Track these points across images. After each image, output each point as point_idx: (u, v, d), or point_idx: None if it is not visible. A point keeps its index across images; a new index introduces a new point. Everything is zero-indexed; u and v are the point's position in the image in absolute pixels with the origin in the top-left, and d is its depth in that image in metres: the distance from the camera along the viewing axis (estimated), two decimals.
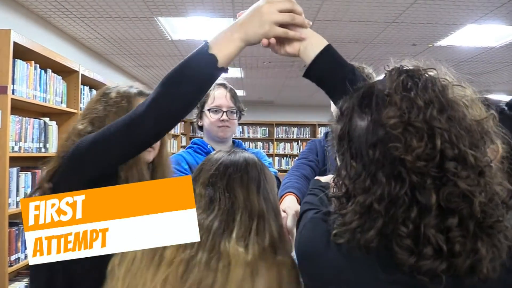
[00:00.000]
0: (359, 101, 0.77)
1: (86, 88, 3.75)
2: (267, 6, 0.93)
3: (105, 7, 3.28)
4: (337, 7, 3.25)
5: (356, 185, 0.73)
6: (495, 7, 3.19)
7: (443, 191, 0.67)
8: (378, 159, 0.70)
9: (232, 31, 0.94)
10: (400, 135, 0.68)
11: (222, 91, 1.80)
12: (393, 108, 0.70)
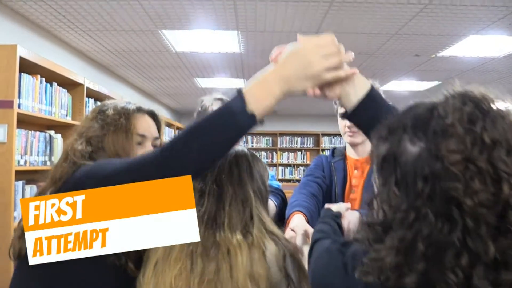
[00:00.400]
0: (413, 123, 0.68)
1: (91, 101, 3.78)
2: (314, 55, 0.84)
3: (110, 21, 3.31)
4: (340, 20, 3.27)
5: (397, 216, 0.65)
6: (498, 19, 3.20)
7: (501, 242, 0.60)
8: (429, 194, 0.62)
9: (273, 84, 0.84)
10: (461, 174, 0.60)
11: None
12: (455, 141, 0.62)
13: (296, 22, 3.34)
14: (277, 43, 3.51)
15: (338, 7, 3.00)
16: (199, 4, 2.96)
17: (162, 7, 3.02)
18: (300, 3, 2.95)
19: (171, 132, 7.33)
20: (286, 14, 3.16)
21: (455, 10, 3.03)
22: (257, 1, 2.92)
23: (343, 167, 1.66)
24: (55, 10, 3.08)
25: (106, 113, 1.11)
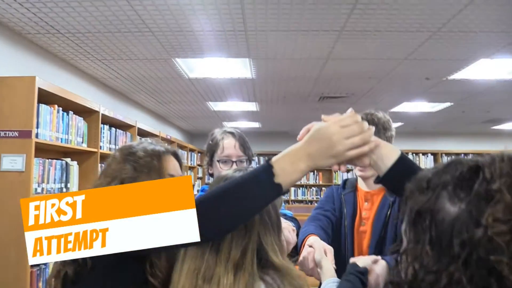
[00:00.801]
0: (455, 181, 0.63)
1: (105, 127, 3.87)
2: (337, 136, 0.90)
3: (125, 50, 3.41)
4: (350, 47, 3.32)
5: (428, 278, 0.61)
6: (507, 43, 3.21)
7: None
8: (465, 260, 0.58)
9: (299, 160, 0.90)
10: (506, 246, 0.56)
11: (231, 141, 1.78)
12: (501, 209, 0.57)
13: (307, 50, 3.39)
14: (288, 68, 3.61)
15: (348, 35, 3.05)
16: (211, 34, 3.04)
17: (175, 37, 3.10)
18: (310, 32, 3.01)
19: (184, 153, 7.39)
20: (296, 42, 3.22)
21: (464, 36, 3.06)
22: (268, 32, 2.99)
23: (353, 200, 1.68)
24: (72, 42, 3.19)
25: (137, 155, 1.16)
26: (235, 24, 2.84)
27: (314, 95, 5.24)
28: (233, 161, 1.75)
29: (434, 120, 7.08)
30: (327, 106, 5.89)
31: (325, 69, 3.98)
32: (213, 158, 1.79)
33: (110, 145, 3.98)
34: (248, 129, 8.64)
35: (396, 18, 2.75)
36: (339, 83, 4.59)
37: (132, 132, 4.58)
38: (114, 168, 1.15)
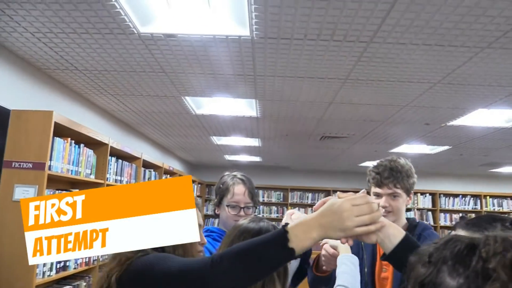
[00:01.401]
0: (454, 257, 0.69)
1: (113, 159, 3.96)
2: (348, 213, 0.98)
3: (137, 87, 3.55)
4: (353, 93, 3.46)
5: None
6: (504, 96, 3.36)
7: None
8: None
9: (312, 229, 0.99)
10: None
11: (242, 188, 1.91)
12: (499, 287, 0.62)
13: (311, 94, 3.54)
14: (292, 110, 3.76)
15: (352, 83, 3.20)
16: (221, 77, 3.18)
17: (187, 78, 3.25)
18: (316, 79, 3.15)
19: None
20: (302, 87, 3.36)
21: (463, 88, 3.21)
22: (275, 77, 3.14)
23: (371, 246, 1.72)
24: (89, 78, 3.33)
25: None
26: (245, 68, 2.98)
27: (315, 135, 5.37)
28: (241, 207, 1.88)
29: (433, 162, 7.20)
30: (328, 144, 6.02)
31: (328, 111, 4.12)
32: (222, 201, 1.90)
33: (116, 177, 4.07)
34: (250, 163, 8.74)
35: (398, 70, 2.90)
36: (341, 125, 4.73)
37: (137, 163, 4.68)
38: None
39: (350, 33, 2.35)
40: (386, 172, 1.74)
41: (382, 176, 1.74)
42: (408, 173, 1.77)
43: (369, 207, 1.01)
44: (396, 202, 1.74)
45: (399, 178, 1.73)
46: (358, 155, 7.00)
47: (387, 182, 1.73)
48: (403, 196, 1.76)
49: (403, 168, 1.76)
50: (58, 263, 3.03)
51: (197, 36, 2.46)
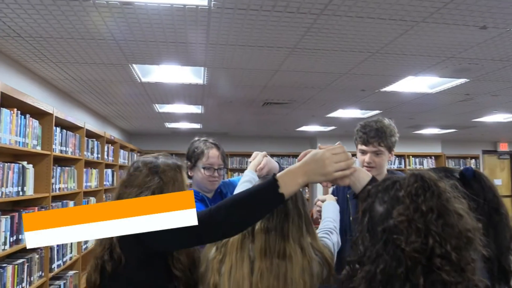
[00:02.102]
0: (382, 190, 0.99)
1: (57, 129, 3.85)
2: (329, 160, 1.16)
3: (83, 55, 3.45)
4: (298, 62, 3.65)
5: (367, 254, 0.94)
6: (432, 64, 3.73)
7: (429, 277, 0.88)
8: (385, 240, 0.92)
9: (298, 176, 1.15)
10: (404, 229, 0.90)
11: (215, 152, 2.11)
12: (403, 207, 0.92)
13: (259, 63, 3.67)
14: (239, 77, 3.95)
15: (298, 52, 3.38)
16: (173, 45, 3.20)
17: (137, 47, 3.22)
18: (265, 48, 3.28)
19: (125, 154, 7.35)
20: (251, 56, 3.48)
21: (397, 57, 3.52)
22: (227, 46, 3.22)
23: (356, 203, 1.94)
24: (31, 45, 3.18)
25: (161, 169, 1.40)
26: (198, 37, 3.03)
27: (259, 101, 5.54)
28: (215, 169, 2.07)
29: None
30: (269, 110, 6.23)
31: (273, 79, 4.29)
32: (197, 163, 2.08)
33: (61, 147, 3.97)
34: (189, 130, 8.76)
35: (341, 41, 3.11)
36: (284, 91, 4.93)
37: (80, 133, 4.57)
38: (142, 180, 1.36)
39: (303, 6, 2.49)
40: (372, 132, 1.98)
41: (369, 135, 1.99)
42: (391, 132, 2.02)
43: (346, 155, 1.20)
44: (379, 159, 1.99)
45: (383, 137, 1.98)
46: (296, 120, 7.31)
47: (373, 141, 1.98)
48: (385, 153, 2.02)
49: (387, 128, 2.01)
50: (11, 237, 2.99)
51: (154, 4, 2.47)
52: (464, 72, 3.96)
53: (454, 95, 4.99)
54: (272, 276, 1.27)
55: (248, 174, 1.83)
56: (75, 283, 4.47)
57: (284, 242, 1.31)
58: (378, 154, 2.03)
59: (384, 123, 2.07)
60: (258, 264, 1.28)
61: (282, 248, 1.30)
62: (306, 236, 1.37)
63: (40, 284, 3.45)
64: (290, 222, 1.33)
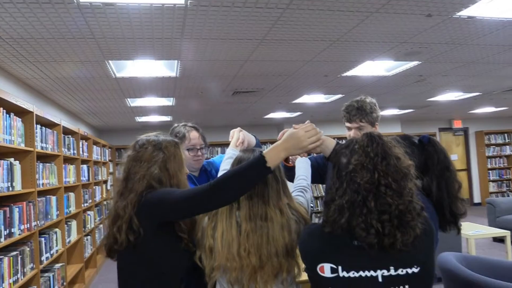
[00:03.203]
0: (345, 148, 1.42)
1: (38, 126, 3.97)
2: (303, 136, 1.50)
3: (60, 53, 3.59)
4: (268, 51, 3.93)
5: (337, 193, 1.34)
6: (387, 49, 4.10)
7: (379, 201, 1.28)
8: (347, 180, 1.33)
9: (280, 151, 1.46)
10: (359, 170, 1.32)
11: (195, 133, 2.37)
12: (357, 157, 1.35)
13: (230, 54, 3.93)
14: (210, 68, 4.26)
15: (267, 43, 3.66)
16: (149, 41, 3.40)
17: (115, 44, 3.40)
18: (236, 40, 3.54)
19: (98, 149, 7.43)
20: (222, 48, 3.73)
21: (356, 44, 3.86)
22: (200, 39, 3.46)
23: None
24: (11, 46, 3.30)
25: (163, 145, 1.66)
26: (173, 33, 3.25)
27: (228, 90, 5.79)
28: (198, 148, 2.32)
29: (327, 109, 8.12)
30: (239, 99, 6.50)
31: (243, 69, 4.55)
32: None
33: (42, 144, 4.09)
34: (160, 123, 8.90)
35: (306, 31, 3.41)
36: (252, 80, 5.21)
37: (57, 130, 4.68)
38: (149, 155, 1.63)
39: (271, 1, 2.77)
40: (353, 111, 2.28)
41: (351, 114, 2.28)
42: (371, 109, 2.29)
43: (315, 131, 1.55)
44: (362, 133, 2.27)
45: (364, 114, 2.26)
46: (264, 108, 7.62)
47: (355, 118, 2.27)
48: (368, 128, 2.29)
49: (367, 106, 2.29)
50: (5, 230, 3.14)
51: (135, 4, 2.67)
52: (415, 55, 4.37)
53: (409, 76, 5.43)
54: (257, 235, 1.53)
55: (230, 152, 2.07)
56: (63, 275, 4.63)
57: (265, 206, 1.56)
58: (361, 129, 2.30)
59: (365, 101, 2.32)
60: (244, 227, 1.54)
61: (263, 211, 1.56)
62: (283, 198, 1.63)
63: (32, 275, 3.61)
64: (270, 188, 1.59)
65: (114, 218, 1.57)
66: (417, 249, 1.34)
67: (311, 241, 1.45)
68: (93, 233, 6.51)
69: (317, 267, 1.39)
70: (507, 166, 11.87)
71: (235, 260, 1.52)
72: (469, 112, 10.28)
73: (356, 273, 1.33)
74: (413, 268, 1.34)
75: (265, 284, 1.53)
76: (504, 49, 4.26)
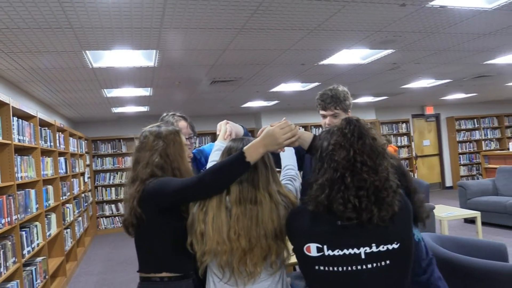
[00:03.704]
0: (326, 133, 1.58)
1: (14, 119, 3.91)
2: (278, 134, 1.61)
3: (36, 43, 3.53)
4: (247, 40, 3.96)
5: (319, 172, 1.49)
6: (362, 38, 4.20)
7: (355, 177, 1.42)
8: (327, 160, 1.48)
9: (259, 148, 1.60)
10: (337, 149, 1.46)
11: (184, 123, 2.43)
12: (335, 137, 1.50)
13: (210, 43, 3.94)
14: (188, 57, 4.30)
15: (246, 32, 3.69)
16: (127, 31, 3.39)
17: (93, 34, 3.37)
18: (215, 29, 3.56)
19: (74, 142, 7.33)
20: (201, 37, 3.75)
21: (333, 33, 3.94)
22: (179, 29, 3.46)
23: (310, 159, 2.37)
24: None
25: (163, 134, 1.81)
26: (153, 22, 3.25)
27: (206, 80, 5.80)
28: (186, 138, 2.35)
29: (304, 98, 8.22)
30: (217, 88, 6.51)
31: (221, 58, 4.58)
32: None
33: (19, 137, 4.04)
34: (137, 113, 8.82)
35: (284, 20, 3.46)
36: (230, 69, 5.23)
37: (34, 122, 4.62)
38: (150, 144, 1.78)
39: None
40: (328, 99, 2.36)
41: (325, 102, 2.36)
42: (345, 97, 2.38)
43: (290, 127, 1.66)
44: (337, 120, 2.34)
45: (338, 102, 2.34)
46: (241, 97, 7.65)
47: (329, 106, 2.35)
48: (342, 115, 2.36)
49: (340, 94, 2.37)
50: None
51: None
52: (390, 44, 4.49)
53: (383, 64, 5.56)
54: (246, 218, 1.60)
55: (218, 144, 2.12)
56: (44, 268, 4.60)
57: (255, 191, 1.63)
58: (336, 116, 2.38)
59: (338, 89, 2.41)
60: (234, 211, 1.60)
61: (253, 195, 1.62)
62: (272, 184, 1.70)
63: (15, 269, 3.59)
64: (259, 174, 1.66)
65: (126, 202, 1.76)
66: (396, 226, 1.45)
67: (298, 221, 1.55)
68: (72, 226, 6.46)
69: (304, 247, 1.48)
70: (477, 151, 12.31)
71: (225, 243, 1.58)
72: (441, 98, 10.59)
73: (340, 251, 1.43)
74: (393, 244, 1.44)
75: (254, 266, 1.59)
76: (473, 37, 4.43)
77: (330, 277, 1.45)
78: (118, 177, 9.68)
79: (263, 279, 1.64)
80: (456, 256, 2.68)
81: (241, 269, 1.60)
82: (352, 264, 1.43)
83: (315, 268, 1.47)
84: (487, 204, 7.16)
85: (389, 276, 1.44)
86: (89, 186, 9.10)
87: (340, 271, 1.43)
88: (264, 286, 1.64)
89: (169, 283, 1.73)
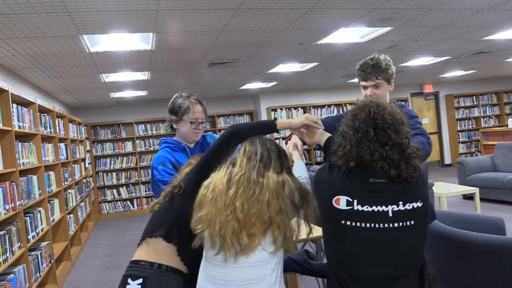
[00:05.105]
0: (347, 116, 1.73)
1: (14, 105, 3.91)
2: (307, 116, 1.93)
3: (33, 29, 3.51)
4: (244, 21, 3.94)
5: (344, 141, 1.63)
6: (360, 16, 4.17)
7: (379, 133, 1.56)
8: (349, 127, 1.64)
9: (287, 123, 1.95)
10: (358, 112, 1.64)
11: (199, 108, 2.44)
12: (348, 118, 1.69)
13: (206, 24, 3.92)
14: (186, 40, 4.30)
15: (242, 12, 3.67)
16: (124, 14, 3.37)
17: (89, 17, 3.35)
18: (211, 10, 3.54)
19: (74, 127, 7.34)
20: (198, 19, 3.72)
21: (330, 11, 3.91)
22: (176, 11, 3.44)
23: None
24: None
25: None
26: (149, 4, 3.22)
27: (204, 62, 5.78)
28: (200, 122, 2.41)
29: (303, 78, 8.20)
30: (214, 71, 6.49)
31: (218, 40, 4.55)
32: (183, 117, 2.40)
33: (19, 123, 4.05)
34: (135, 98, 8.80)
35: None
36: (228, 51, 5.21)
37: (33, 109, 4.62)
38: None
39: None
40: (369, 68, 2.24)
41: (366, 72, 2.26)
42: (387, 66, 2.25)
43: (318, 121, 1.94)
44: (379, 91, 2.27)
45: (379, 71, 2.22)
46: (239, 79, 7.63)
47: (370, 76, 2.24)
48: (384, 85, 2.28)
49: (382, 62, 2.23)
50: None
51: None
52: (388, 21, 4.46)
53: (381, 42, 5.53)
54: (249, 189, 1.57)
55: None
56: (49, 252, 4.67)
57: (264, 170, 1.63)
58: (377, 86, 2.26)
59: (380, 58, 2.27)
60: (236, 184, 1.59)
61: (262, 173, 1.62)
62: (284, 172, 1.70)
63: (21, 253, 3.65)
64: (274, 160, 1.69)
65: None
66: (420, 185, 1.56)
67: (328, 174, 1.64)
68: (75, 211, 6.52)
69: (333, 199, 1.55)
70: (476, 128, 12.33)
71: (222, 212, 1.55)
72: (439, 76, 10.55)
73: (369, 207, 1.51)
74: (417, 203, 1.54)
75: (251, 238, 1.54)
76: (472, 12, 4.40)
77: (356, 232, 1.52)
78: (119, 162, 9.72)
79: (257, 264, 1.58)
80: (454, 231, 2.72)
81: (234, 240, 1.54)
82: (380, 221, 1.50)
83: (341, 222, 1.54)
84: (485, 181, 7.22)
85: (412, 235, 1.53)
86: (90, 171, 9.14)
87: (368, 227, 1.51)
88: (256, 272, 1.57)
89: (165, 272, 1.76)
